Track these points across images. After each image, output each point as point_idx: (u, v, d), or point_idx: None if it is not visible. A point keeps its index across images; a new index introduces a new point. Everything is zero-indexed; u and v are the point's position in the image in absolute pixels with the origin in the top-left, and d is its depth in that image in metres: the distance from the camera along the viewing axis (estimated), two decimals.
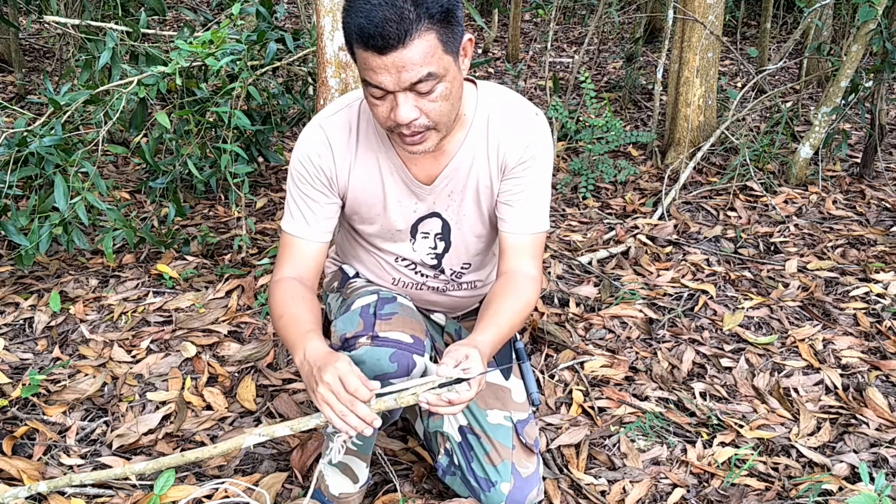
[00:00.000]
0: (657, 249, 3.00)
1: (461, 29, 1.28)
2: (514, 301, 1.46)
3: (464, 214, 1.56)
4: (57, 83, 4.38)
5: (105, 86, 2.59)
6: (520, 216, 1.51)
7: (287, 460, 1.85)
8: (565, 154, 4.02)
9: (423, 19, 1.20)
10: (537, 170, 1.49)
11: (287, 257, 1.54)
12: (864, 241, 3.05)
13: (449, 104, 1.31)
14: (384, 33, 1.19)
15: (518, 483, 1.61)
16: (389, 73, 1.23)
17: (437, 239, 1.58)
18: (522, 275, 1.51)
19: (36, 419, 1.97)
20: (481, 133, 1.48)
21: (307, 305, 1.45)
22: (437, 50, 1.23)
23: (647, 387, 2.15)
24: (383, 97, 1.28)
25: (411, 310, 1.55)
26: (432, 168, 1.50)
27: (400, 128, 1.31)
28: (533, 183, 1.50)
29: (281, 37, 2.71)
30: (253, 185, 3.47)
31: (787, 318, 2.50)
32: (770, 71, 4.07)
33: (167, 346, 2.32)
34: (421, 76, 1.23)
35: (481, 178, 1.51)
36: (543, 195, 1.52)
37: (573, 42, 6.71)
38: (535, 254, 1.53)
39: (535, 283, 1.51)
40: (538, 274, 1.53)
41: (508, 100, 1.49)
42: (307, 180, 1.51)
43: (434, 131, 1.33)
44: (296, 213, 1.53)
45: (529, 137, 1.47)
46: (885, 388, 2.15)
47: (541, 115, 1.50)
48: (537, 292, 1.51)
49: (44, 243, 2.44)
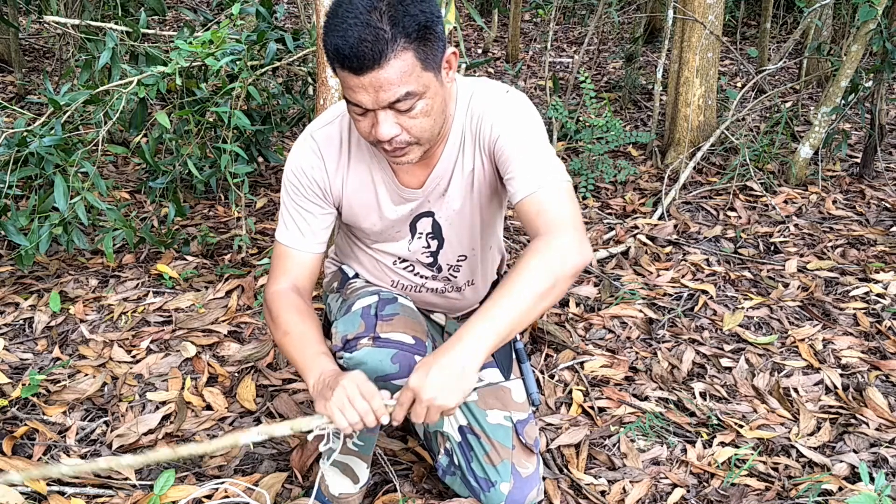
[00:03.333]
0: (657, 249, 3.00)
1: (442, 44, 1.26)
2: (508, 278, 1.27)
3: (454, 209, 1.53)
4: (57, 83, 4.38)
5: (105, 86, 2.59)
6: (520, 178, 1.37)
7: (287, 460, 1.85)
8: (565, 154, 4.02)
9: (400, 39, 1.18)
10: (518, 136, 1.40)
11: (281, 268, 1.53)
12: (864, 241, 3.05)
13: (431, 120, 1.30)
14: (359, 54, 1.17)
15: (518, 483, 1.61)
16: (367, 93, 1.22)
17: (428, 238, 1.58)
18: (532, 242, 1.32)
19: (36, 419, 1.97)
20: (464, 126, 1.46)
21: (310, 323, 1.44)
22: (414, 68, 1.22)
23: (647, 387, 2.15)
24: (364, 114, 1.27)
25: (412, 310, 1.54)
26: (421, 172, 1.49)
27: (382, 143, 1.30)
28: (517, 148, 1.39)
29: (281, 37, 2.71)
30: (253, 185, 3.47)
31: (787, 318, 2.50)
32: (770, 71, 4.07)
33: (167, 346, 2.32)
34: (399, 95, 1.22)
35: (474, 167, 1.48)
36: (535, 153, 1.37)
37: (573, 42, 6.71)
38: (549, 209, 1.32)
39: (543, 243, 1.28)
40: (556, 227, 1.29)
41: (481, 87, 1.46)
42: (301, 192, 1.51)
43: (416, 145, 1.32)
44: (290, 224, 1.53)
45: (502, 114, 1.41)
46: (885, 388, 2.15)
47: (512, 90, 1.46)
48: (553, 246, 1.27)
49: (44, 243, 2.44)
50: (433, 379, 1.20)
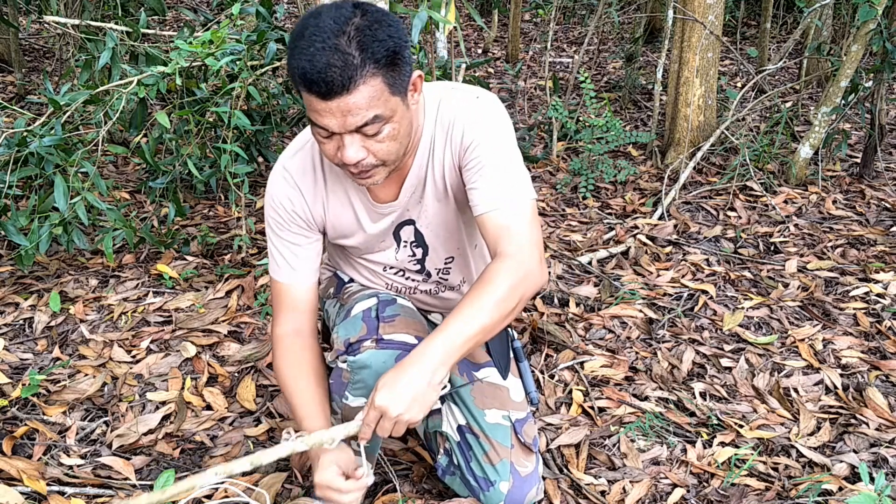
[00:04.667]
0: (657, 249, 3.00)
1: (409, 68, 1.25)
2: (472, 293, 1.29)
3: (433, 214, 1.52)
4: (57, 83, 4.38)
5: (105, 86, 2.59)
6: (485, 191, 1.37)
7: (287, 460, 1.85)
8: (565, 154, 4.02)
9: (368, 64, 1.17)
10: (489, 146, 1.39)
11: (282, 306, 1.54)
12: (864, 241, 3.05)
13: (397, 143, 1.29)
14: (327, 79, 1.16)
15: (517, 482, 1.61)
16: (334, 117, 1.21)
17: (412, 247, 1.57)
18: (495, 260, 1.33)
19: (36, 419, 1.97)
20: (433, 133, 1.43)
21: (309, 379, 1.49)
22: (382, 93, 1.21)
23: (647, 387, 2.15)
24: (330, 137, 1.26)
25: (412, 310, 1.55)
26: (394, 185, 1.48)
27: (347, 167, 1.29)
28: (485, 159, 1.38)
29: (281, 37, 2.70)
30: (253, 185, 3.47)
31: (786, 318, 2.50)
32: (770, 71, 4.07)
33: (167, 346, 2.32)
34: (367, 119, 1.21)
35: (444, 172, 1.46)
36: (502, 167, 1.37)
37: (573, 42, 6.71)
38: (511, 228, 1.33)
39: (506, 262, 1.30)
40: (517, 248, 1.32)
41: (449, 93, 1.44)
42: (284, 226, 1.50)
43: (382, 167, 1.31)
44: (280, 261, 1.53)
45: (474, 121, 1.40)
46: (885, 388, 2.15)
47: (483, 95, 1.42)
48: (516, 266, 1.30)
49: (44, 243, 2.44)
50: (400, 396, 1.22)
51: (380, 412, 1.24)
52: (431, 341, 1.25)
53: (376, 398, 1.23)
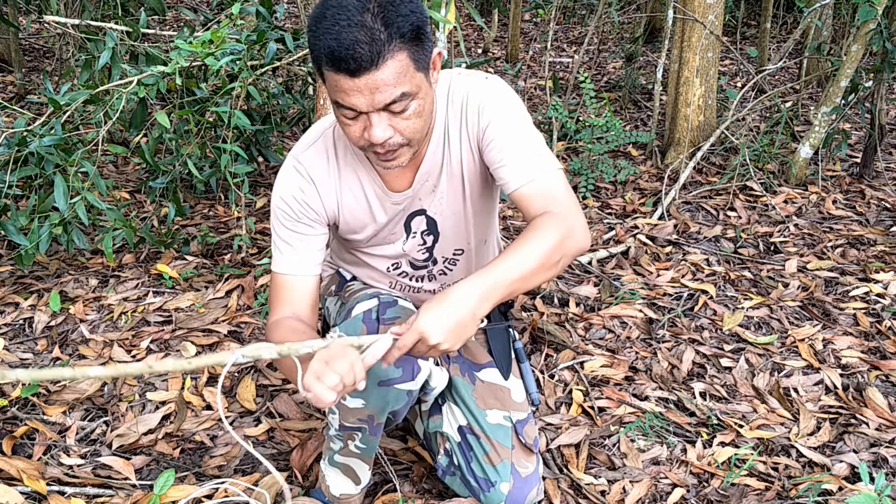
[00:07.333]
0: (657, 249, 3.00)
1: (430, 44, 1.26)
2: (521, 240, 1.28)
3: (448, 202, 1.53)
4: (57, 83, 4.38)
5: (105, 86, 2.59)
6: (517, 166, 1.38)
7: (287, 460, 1.85)
8: (565, 154, 4.02)
9: (395, 39, 1.17)
10: (508, 123, 1.40)
11: (281, 298, 1.51)
12: (864, 241, 3.05)
13: (422, 120, 1.29)
14: (356, 56, 1.16)
15: (517, 483, 1.61)
16: (363, 95, 1.21)
17: (424, 235, 1.57)
18: (542, 216, 1.33)
19: (36, 419, 1.97)
20: (446, 117, 1.45)
21: (312, 334, 1.43)
22: (409, 69, 1.21)
23: (647, 387, 2.15)
24: (356, 117, 1.26)
25: (413, 312, 1.54)
26: (408, 173, 1.48)
27: (374, 147, 1.29)
28: (508, 135, 1.39)
29: (281, 37, 2.71)
30: (253, 185, 3.47)
31: (786, 317, 2.50)
32: (770, 71, 4.07)
33: (167, 346, 2.32)
34: (395, 97, 1.21)
35: (461, 157, 1.47)
36: (527, 140, 1.39)
37: (573, 42, 6.71)
38: (551, 195, 1.35)
39: (555, 217, 1.31)
40: (562, 209, 1.33)
41: (457, 76, 1.46)
42: (293, 217, 1.49)
43: (407, 147, 1.32)
44: (285, 250, 1.51)
45: (488, 100, 1.41)
46: (884, 387, 2.15)
47: (491, 76, 1.45)
48: (563, 222, 1.30)
49: (44, 243, 2.44)
50: (443, 323, 1.18)
51: (419, 336, 1.19)
52: (479, 276, 1.22)
53: (419, 322, 1.19)
